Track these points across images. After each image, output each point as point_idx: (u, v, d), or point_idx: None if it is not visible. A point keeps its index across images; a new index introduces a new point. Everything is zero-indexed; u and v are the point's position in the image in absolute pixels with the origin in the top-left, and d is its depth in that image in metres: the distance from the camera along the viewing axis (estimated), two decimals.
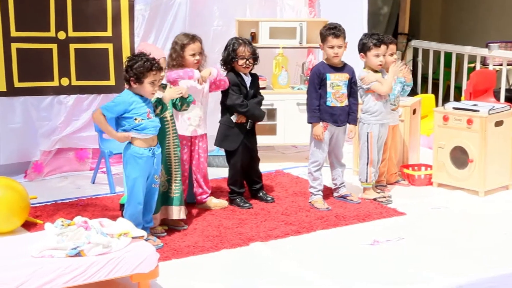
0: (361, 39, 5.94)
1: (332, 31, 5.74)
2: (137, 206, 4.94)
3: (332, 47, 5.75)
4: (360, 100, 5.98)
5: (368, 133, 5.95)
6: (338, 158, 5.99)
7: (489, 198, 6.15)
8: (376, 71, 5.94)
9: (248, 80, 5.86)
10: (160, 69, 4.94)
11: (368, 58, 5.90)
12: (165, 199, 5.33)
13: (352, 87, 5.85)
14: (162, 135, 5.20)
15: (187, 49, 5.54)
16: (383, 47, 5.89)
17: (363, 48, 5.91)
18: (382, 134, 6.04)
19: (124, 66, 4.92)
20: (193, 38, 5.59)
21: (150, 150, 4.92)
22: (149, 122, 4.90)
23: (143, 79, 4.85)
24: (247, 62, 5.79)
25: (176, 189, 5.34)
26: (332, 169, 6.04)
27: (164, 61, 5.29)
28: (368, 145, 5.97)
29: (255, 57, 5.85)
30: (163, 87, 5.26)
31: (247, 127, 5.87)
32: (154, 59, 4.91)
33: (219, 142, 5.97)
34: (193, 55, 5.56)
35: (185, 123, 5.62)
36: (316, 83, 5.77)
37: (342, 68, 5.84)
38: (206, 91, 5.69)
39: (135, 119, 4.86)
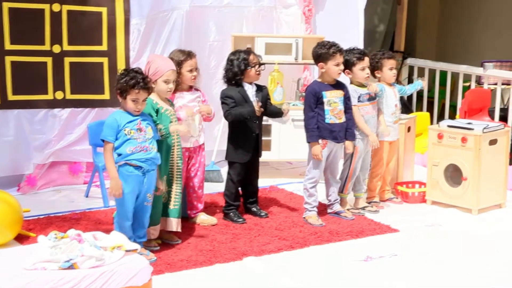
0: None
1: (337, 48, 5.73)
2: (126, 222, 4.92)
3: (338, 65, 5.76)
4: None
5: (354, 147, 5.99)
6: (334, 174, 6.00)
7: (482, 216, 6.16)
8: (363, 86, 6.02)
9: (250, 87, 5.85)
10: (146, 88, 4.84)
11: (355, 73, 5.96)
12: (165, 210, 5.31)
13: (346, 103, 5.87)
14: (167, 147, 5.21)
15: (185, 65, 5.53)
16: (366, 59, 5.94)
17: (347, 65, 5.94)
18: (368, 149, 6.12)
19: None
20: (189, 54, 5.59)
21: (140, 170, 4.89)
22: (140, 136, 4.86)
23: (125, 95, 4.83)
24: (259, 68, 5.84)
25: (176, 201, 5.34)
26: (327, 185, 6.04)
27: (172, 73, 5.21)
28: (351, 159, 6.01)
29: (263, 63, 5.94)
30: (171, 104, 5.28)
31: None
32: (144, 78, 4.85)
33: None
34: (191, 71, 5.57)
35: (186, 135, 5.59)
36: (312, 102, 5.78)
37: (336, 85, 5.86)
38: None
39: (124, 129, 4.83)
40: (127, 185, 4.89)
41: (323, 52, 5.75)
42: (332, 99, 5.79)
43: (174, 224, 5.34)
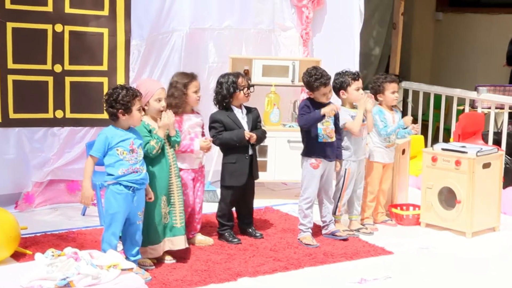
0: (336, 79, 6.07)
1: (321, 82, 5.81)
2: (113, 241, 4.94)
3: (325, 94, 5.85)
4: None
5: (346, 169, 6.06)
6: (328, 194, 6.05)
7: (476, 239, 6.20)
8: (353, 108, 6.10)
9: (239, 111, 5.92)
10: (141, 94, 5.01)
11: (350, 93, 6.05)
12: (169, 230, 5.34)
13: (336, 122, 5.97)
14: (166, 166, 5.29)
15: (191, 87, 5.60)
16: (360, 80, 6.06)
17: (342, 86, 6.04)
18: (360, 171, 6.18)
19: (104, 103, 4.97)
20: (193, 75, 5.68)
21: (130, 188, 4.95)
22: (132, 158, 4.92)
23: (131, 107, 4.92)
24: (248, 90, 5.91)
25: (182, 219, 5.39)
26: (321, 207, 6.09)
27: (162, 91, 5.32)
28: (343, 180, 6.07)
29: (252, 85, 6.01)
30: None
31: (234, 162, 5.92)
32: (131, 87, 5.02)
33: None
34: (196, 92, 5.64)
35: (192, 157, 5.67)
36: (307, 112, 5.84)
37: (327, 104, 5.93)
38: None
39: (117, 149, 4.91)
40: (118, 204, 4.93)
41: (310, 81, 5.85)
42: (325, 118, 5.87)
43: (183, 241, 5.39)
